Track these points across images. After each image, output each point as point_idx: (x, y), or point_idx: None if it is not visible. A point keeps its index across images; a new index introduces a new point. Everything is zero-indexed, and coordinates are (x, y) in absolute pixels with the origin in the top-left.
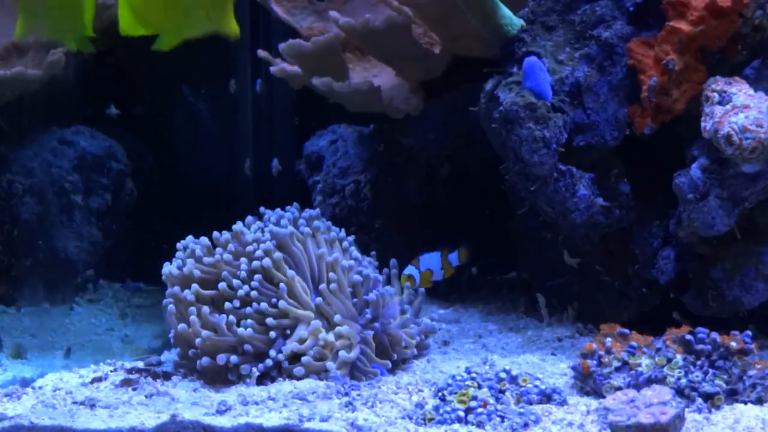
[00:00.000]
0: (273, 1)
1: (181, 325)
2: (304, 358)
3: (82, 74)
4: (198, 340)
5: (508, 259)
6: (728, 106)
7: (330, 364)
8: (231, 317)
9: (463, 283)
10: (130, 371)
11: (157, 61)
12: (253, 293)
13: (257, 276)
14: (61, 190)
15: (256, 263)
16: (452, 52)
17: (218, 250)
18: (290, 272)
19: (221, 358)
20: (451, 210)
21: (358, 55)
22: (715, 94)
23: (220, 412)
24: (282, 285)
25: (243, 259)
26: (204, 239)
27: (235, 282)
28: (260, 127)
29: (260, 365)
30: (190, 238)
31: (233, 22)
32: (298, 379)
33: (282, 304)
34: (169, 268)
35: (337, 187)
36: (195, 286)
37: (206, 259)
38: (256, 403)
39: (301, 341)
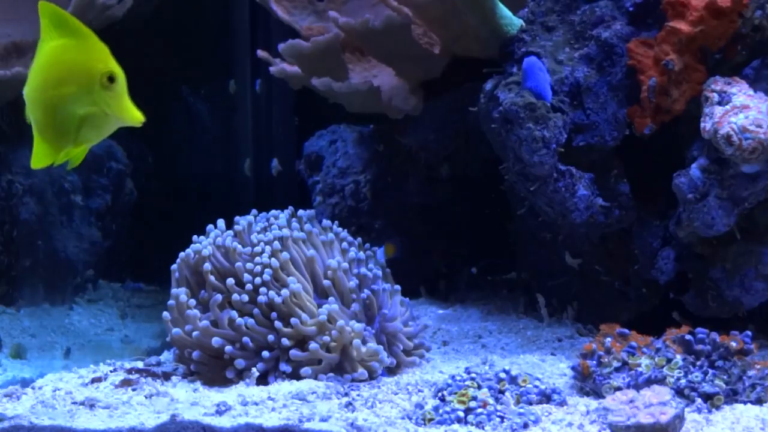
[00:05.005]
0: (273, 1)
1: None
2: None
3: None
4: (198, 327)
5: (508, 259)
6: (728, 107)
7: (377, 365)
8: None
9: (462, 283)
10: (129, 371)
11: (157, 61)
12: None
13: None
14: (60, 190)
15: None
16: (452, 52)
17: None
18: (294, 286)
19: (217, 341)
20: (450, 210)
21: (357, 55)
22: (715, 95)
23: (219, 413)
24: (285, 292)
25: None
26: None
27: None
28: (260, 127)
29: (266, 353)
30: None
31: (133, 110)
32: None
33: (291, 309)
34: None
35: (337, 187)
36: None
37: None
38: (256, 404)
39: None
